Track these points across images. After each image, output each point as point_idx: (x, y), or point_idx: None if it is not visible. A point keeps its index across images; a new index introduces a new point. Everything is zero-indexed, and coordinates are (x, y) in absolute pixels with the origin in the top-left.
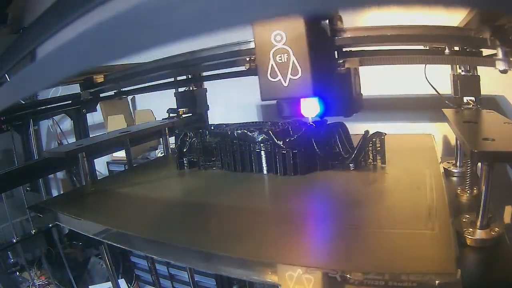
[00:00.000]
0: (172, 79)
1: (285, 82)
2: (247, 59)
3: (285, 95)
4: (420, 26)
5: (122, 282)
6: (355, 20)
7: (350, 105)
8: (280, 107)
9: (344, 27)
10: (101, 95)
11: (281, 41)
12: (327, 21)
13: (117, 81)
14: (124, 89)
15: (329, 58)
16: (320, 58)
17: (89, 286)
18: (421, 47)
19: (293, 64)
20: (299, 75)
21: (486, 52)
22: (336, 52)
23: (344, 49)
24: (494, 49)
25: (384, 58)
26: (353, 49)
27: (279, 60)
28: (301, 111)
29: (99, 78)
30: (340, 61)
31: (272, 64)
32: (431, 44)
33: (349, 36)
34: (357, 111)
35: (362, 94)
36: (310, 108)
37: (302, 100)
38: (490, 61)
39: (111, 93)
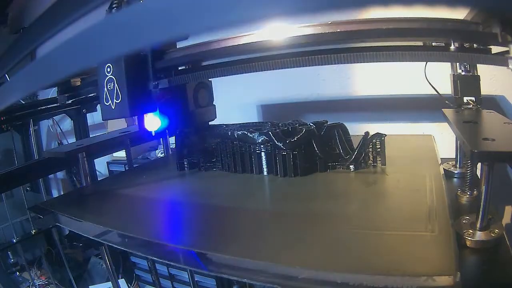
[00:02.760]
0: None
1: (113, 105)
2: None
3: (114, 116)
4: (420, 19)
5: (122, 282)
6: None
7: (190, 118)
8: (139, 122)
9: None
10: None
11: (110, 72)
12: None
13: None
14: None
15: (145, 82)
16: (136, 83)
17: (89, 286)
18: (420, 44)
19: (116, 91)
20: (120, 99)
21: (494, 49)
22: (154, 76)
23: (179, 68)
24: (505, 46)
25: (399, 54)
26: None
27: (109, 87)
28: (145, 126)
29: (77, 82)
30: (155, 83)
31: (105, 91)
32: (433, 40)
33: (167, 58)
34: (205, 120)
35: (214, 104)
36: (152, 122)
37: (145, 115)
38: (501, 59)
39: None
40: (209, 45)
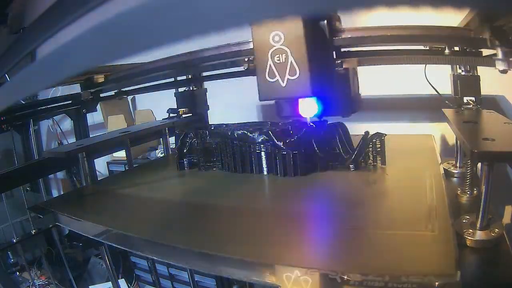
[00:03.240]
0: (172, 79)
1: (283, 82)
2: (246, 59)
3: (283, 95)
4: (420, 26)
5: (122, 282)
6: (356, 20)
7: (349, 105)
8: (278, 107)
9: (342, 27)
10: (102, 95)
11: (279, 41)
12: (326, 21)
13: (117, 81)
14: (124, 89)
15: (327, 59)
16: (318, 59)
17: (89, 286)
18: (421, 47)
19: (291, 65)
20: (297, 75)
21: (485, 52)
22: (334, 52)
23: (342, 50)
24: (494, 49)
25: (383, 58)
26: (351, 49)
27: (277, 60)
28: (300, 111)
29: (100, 78)
30: (338, 61)
31: (270, 64)
32: (431, 44)
33: (347, 36)
34: (355, 110)
35: (360, 94)
36: (309, 108)
37: (300, 100)
38: (490, 61)
39: (112, 93)
40: None
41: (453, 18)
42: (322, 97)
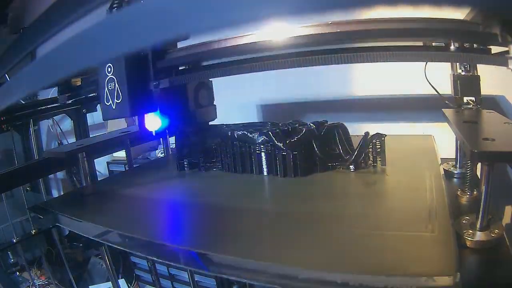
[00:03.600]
0: None
1: (113, 105)
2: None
3: (115, 116)
4: (421, 19)
5: (122, 282)
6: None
7: (191, 118)
8: (138, 122)
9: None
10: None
11: (111, 72)
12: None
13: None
14: None
15: (146, 82)
16: (137, 83)
17: (89, 286)
18: (419, 44)
19: (117, 91)
20: (121, 99)
21: (494, 49)
22: (153, 76)
23: (180, 68)
24: (505, 46)
25: (400, 54)
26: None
27: (110, 87)
28: (146, 125)
29: (77, 82)
30: (155, 83)
31: (106, 91)
32: (434, 40)
33: (169, 57)
34: (204, 120)
35: (214, 104)
36: (153, 122)
37: (145, 115)
38: (501, 59)
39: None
40: (210, 45)
41: (454, 10)
42: (165, 112)
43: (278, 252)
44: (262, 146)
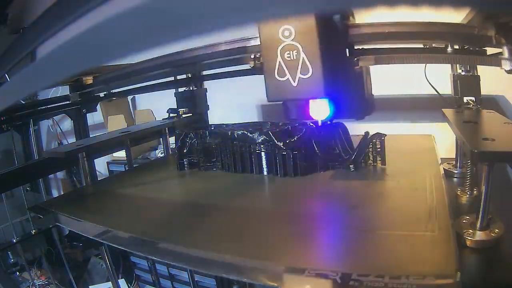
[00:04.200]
0: (172, 79)
1: (294, 81)
2: (252, 56)
3: (295, 96)
4: (420, 23)
5: (122, 282)
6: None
7: (362, 106)
8: (286, 109)
9: (356, 23)
10: (115, 91)
11: (289, 36)
12: (339, 15)
13: (107, 82)
14: (123, 89)
15: (342, 56)
16: (332, 56)
17: (89, 286)
18: (419, 46)
19: (303, 62)
20: (310, 74)
21: (489, 51)
22: (347, 50)
23: (356, 47)
24: (499, 47)
25: (399, 56)
26: (365, 46)
27: (288, 57)
28: (310, 113)
29: (88, 80)
30: (354, 60)
31: (279, 62)
32: (432, 42)
33: (363, 32)
34: (369, 113)
35: (373, 94)
36: (320, 110)
37: (311, 101)
38: (495, 60)
39: (119, 90)
40: None
41: (452, 14)
42: (335, 98)
43: (278, 252)
44: (262, 146)
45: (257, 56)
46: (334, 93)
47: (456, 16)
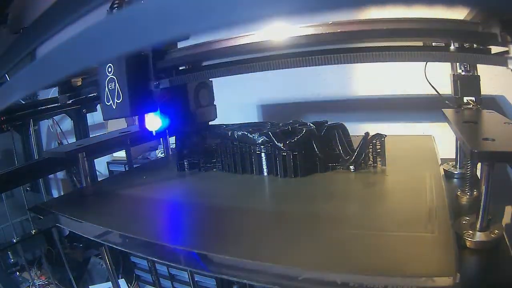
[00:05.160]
0: None
1: (114, 105)
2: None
3: (116, 116)
4: (421, 19)
5: (122, 282)
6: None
7: (191, 117)
8: (139, 122)
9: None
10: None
11: (111, 71)
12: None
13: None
14: None
15: (146, 82)
16: (137, 83)
17: (89, 286)
18: (419, 44)
19: (118, 90)
20: (121, 99)
21: (494, 49)
22: (153, 75)
23: (180, 68)
24: (505, 46)
25: (400, 54)
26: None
27: (110, 87)
28: (146, 125)
29: (78, 82)
30: (155, 83)
31: (106, 91)
32: (433, 40)
33: (168, 57)
34: (201, 120)
35: (214, 104)
36: (153, 122)
37: (146, 115)
38: (501, 59)
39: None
40: (210, 45)
41: (453, 10)
42: (165, 112)
43: (278, 252)
44: (262, 147)
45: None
46: (139, 112)
47: (458, 12)
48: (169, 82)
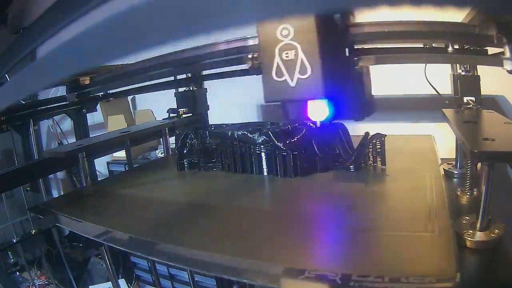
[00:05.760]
0: (172, 79)
1: (292, 81)
2: (250, 56)
3: (292, 97)
4: (420, 22)
5: (122, 282)
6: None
7: (362, 107)
8: (286, 110)
9: (356, 22)
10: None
11: (288, 36)
12: (339, 15)
13: (105, 82)
14: (123, 89)
15: (342, 56)
16: (332, 56)
17: (89, 286)
18: (419, 45)
19: (301, 62)
20: (309, 74)
21: (490, 50)
22: (347, 50)
23: (355, 47)
24: (501, 47)
25: (400, 56)
26: (365, 46)
27: (286, 57)
28: (308, 114)
29: (86, 80)
30: (354, 59)
31: (277, 62)
32: (432, 42)
33: (364, 31)
34: (369, 114)
35: (373, 95)
36: (319, 111)
37: (309, 102)
38: (497, 60)
39: (119, 90)
40: None
41: (452, 14)
42: (334, 99)
43: (278, 252)
44: (262, 146)
45: (255, 56)
46: (333, 94)
47: (456, 15)
48: (375, 60)
